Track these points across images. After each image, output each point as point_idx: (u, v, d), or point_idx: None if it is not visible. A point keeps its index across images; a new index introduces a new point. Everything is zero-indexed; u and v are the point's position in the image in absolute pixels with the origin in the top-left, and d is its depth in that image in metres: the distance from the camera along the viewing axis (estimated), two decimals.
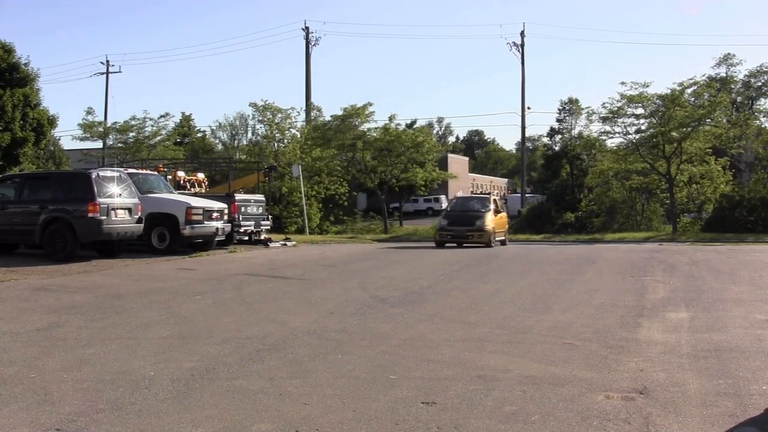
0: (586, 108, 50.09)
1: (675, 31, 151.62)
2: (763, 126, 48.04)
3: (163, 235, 18.70)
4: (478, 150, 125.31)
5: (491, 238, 23.66)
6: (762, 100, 52.69)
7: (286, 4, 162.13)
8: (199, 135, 67.86)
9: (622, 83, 38.70)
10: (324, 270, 15.51)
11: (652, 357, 7.07)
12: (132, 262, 16.48)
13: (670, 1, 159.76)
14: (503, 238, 25.92)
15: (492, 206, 25.07)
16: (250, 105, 43.85)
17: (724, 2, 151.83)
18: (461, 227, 23.78)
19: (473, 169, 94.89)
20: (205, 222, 18.99)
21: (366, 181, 43.82)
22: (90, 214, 15.95)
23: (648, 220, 39.20)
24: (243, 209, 21.98)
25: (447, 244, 24.19)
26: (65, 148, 51.60)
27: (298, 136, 41.93)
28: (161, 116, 43.73)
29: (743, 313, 9.57)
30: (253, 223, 22.49)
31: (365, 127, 43.74)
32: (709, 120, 36.77)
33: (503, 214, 26.86)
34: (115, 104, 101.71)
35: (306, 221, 32.03)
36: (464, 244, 23.59)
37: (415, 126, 59.87)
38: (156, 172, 22.17)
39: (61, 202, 16.23)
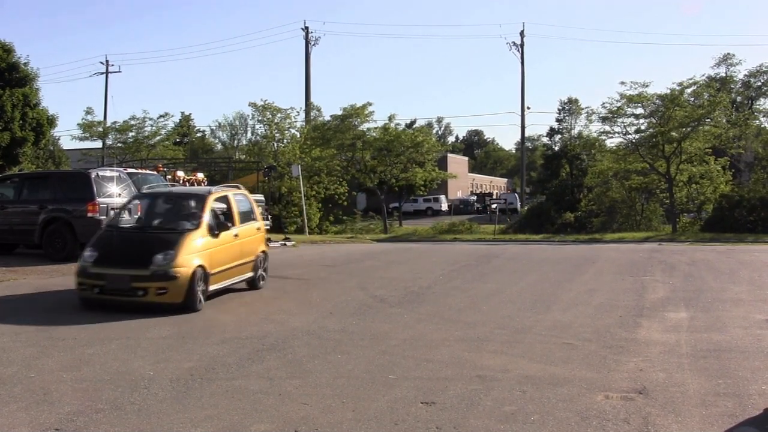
0: (586, 108, 50.08)
1: (675, 31, 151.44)
2: (762, 126, 48.10)
3: None
4: (477, 150, 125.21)
5: (193, 290, 9.65)
6: (761, 100, 52.73)
7: (285, 4, 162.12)
8: (198, 135, 67.93)
9: (622, 83, 38.72)
10: (323, 270, 15.51)
11: (651, 357, 7.07)
12: None
13: (670, 1, 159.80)
14: (250, 275, 11.68)
15: (206, 216, 10.57)
16: (249, 105, 43.94)
17: (724, 2, 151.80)
18: (122, 270, 9.69)
19: (473, 168, 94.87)
20: None
21: (365, 180, 43.82)
22: (89, 214, 15.91)
23: (647, 220, 39.17)
24: None
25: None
26: (65, 147, 51.56)
27: (298, 135, 41.91)
28: (161, 116, 43.76)
29: (742, 313, 9.58)
30: None
31: (365, 126, 43.79)
32: (708, 120, 36.76)
33: (252, 226, 12.08)
34: (114, 104, 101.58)
35: (305, 221, 32.01)
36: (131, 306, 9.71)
37: (414, 126, 59.90)
38: (155, 172, 22.14)
39: (60, 202, 16.20)
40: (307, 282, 13.28)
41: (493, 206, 45.05)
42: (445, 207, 61.29)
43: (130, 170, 20.13)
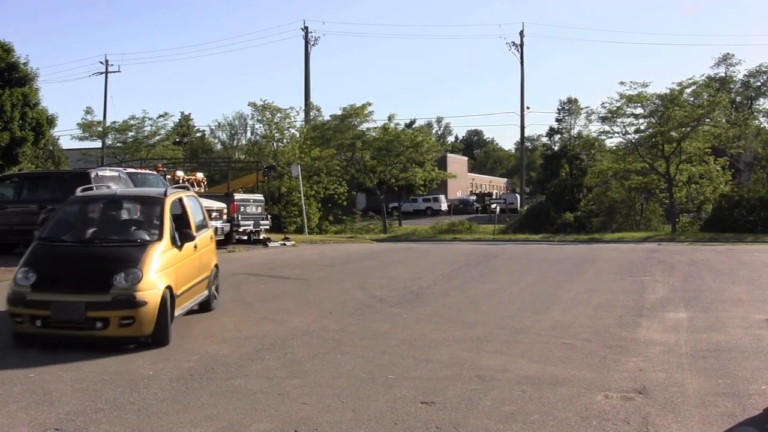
0: (585, 108, 50.12)
1: (674, 31, 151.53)
2: (762, 126, 48.09)
3: None
4: (477, 150, 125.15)
5: (164, 319, 7.57)
6: (761, 100, 52.72)
7: (285, 4, 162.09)
8: (198, 134, 67.84)
9: (621, 83, 38.69)
10: (323, 270, 15.51)
11: (651, 357, 7.07)
12: None
13: (670, 1, 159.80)
14: (204, 294, 9.59)
15: (167, 223, 8.43)
16: (249, 105, 43.93)
17: (724, 2, 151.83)
18: (73, 295, 7.42)
19: (472, 168, 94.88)
20: None
21: (365, 180, 43.83)
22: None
23: (647, 220, 39.20)
24: (242, 209, 21.95)
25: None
26: (64, 147, 51.55)
27: (297, 135, 41.91)
28: (160, 116, 43.79)
29: (742, 313, 9.58)
30: (252, 222, 22.46)
31: (364, 126, 43.83)
32: (708, 120, 36.79)
33: (206, 235, 10.07)
34: (114, 104, 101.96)
35: (305, 221, 32.03)
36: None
37: (414, 126, 59.87)
38: (155, 172, 22.13)
39: (60, 202, 16.07)
40: (307, 282, 13.27)
41: (493, 206, 45.09)
42: (444, 207, 61.33)
43: (129, 170, 20.12)
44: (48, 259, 7.91)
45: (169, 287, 7.77)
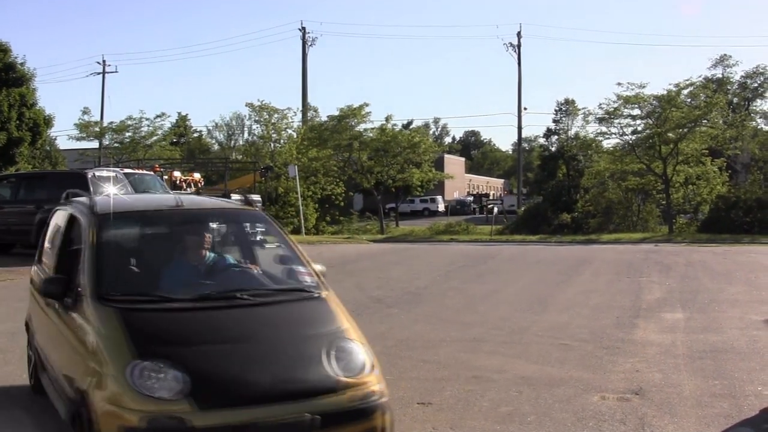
0: (583, 109, 50.10)
1: (672, 32, 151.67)
2: (759, 127, 48.17)
3: None
4: (474, 150, 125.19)
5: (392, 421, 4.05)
6: (758, 101, 52.78)
7: (282, 4, 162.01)
8: (195, 135, 67.77)
9: (619, 84, 38.62)
10: None
11: (647, 358, 7.09)
12: None
13: (668, 2, 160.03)
14: None
15: (305, 258, 5.19)
16: (246, 105, 43.88)
17: (722, 3, 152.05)
18: (280, 405, 3.76)
19: (470, 169, 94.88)
20: None
21: (362, 181, 43.79)
22: None
23: (644, 221, 39.18)
24: None
25: None
26: (61, 147, 51.49)
27: (295, 136, 41.90)
28: (157, 116, 43.69)
29: (739, 314, 9.60)
30: None
31: (362, 127, 43.71)
32: (705, 121, 36.83)
33: None
34: (111, 104, 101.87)
35: (302, 221, 32.01)
36: None
37: (411, 126, 59.79)
38: (152, 172, 22.11)
39: (57, 202, 16.14)
40: None
41: (491, 206, 45.09)
42: (441, 208, 61.28)
43: (126, 170, 20.10)
44: (188, 341, 4.03)
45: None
